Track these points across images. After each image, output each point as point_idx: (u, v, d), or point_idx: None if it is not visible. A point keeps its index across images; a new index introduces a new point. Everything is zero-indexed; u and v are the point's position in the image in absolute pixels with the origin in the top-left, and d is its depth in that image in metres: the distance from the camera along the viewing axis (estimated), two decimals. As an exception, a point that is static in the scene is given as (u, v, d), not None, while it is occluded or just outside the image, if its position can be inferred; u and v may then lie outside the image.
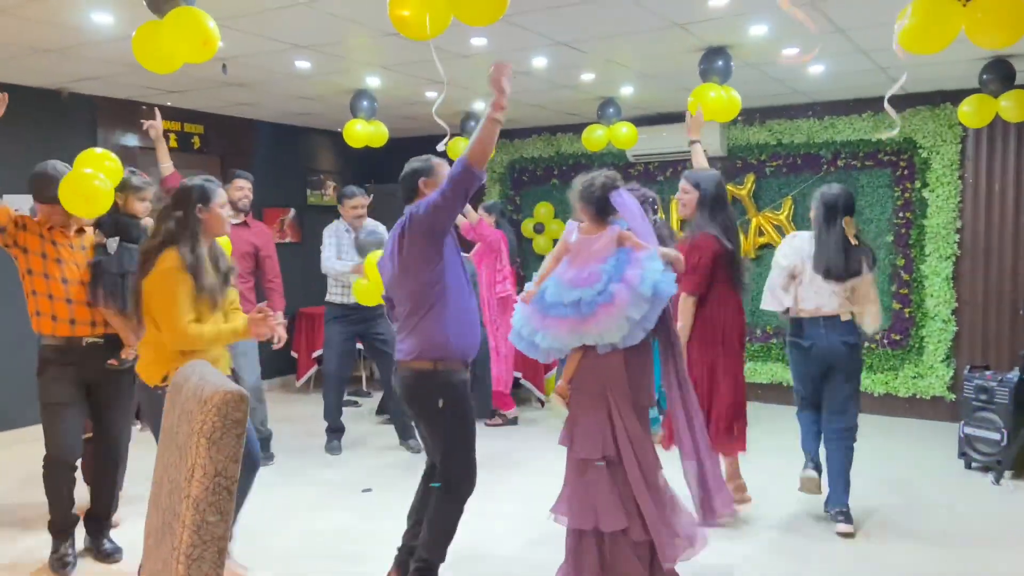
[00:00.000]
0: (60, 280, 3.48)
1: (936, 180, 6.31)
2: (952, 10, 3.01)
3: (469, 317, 3.09)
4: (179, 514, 1.70)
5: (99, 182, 3.40)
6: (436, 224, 2.92)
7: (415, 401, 3.06)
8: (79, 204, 3.38)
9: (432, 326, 2.96)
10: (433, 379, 2.98)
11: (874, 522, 4.16)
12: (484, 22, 2.72)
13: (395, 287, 3.08)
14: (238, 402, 1.71)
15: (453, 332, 2.98)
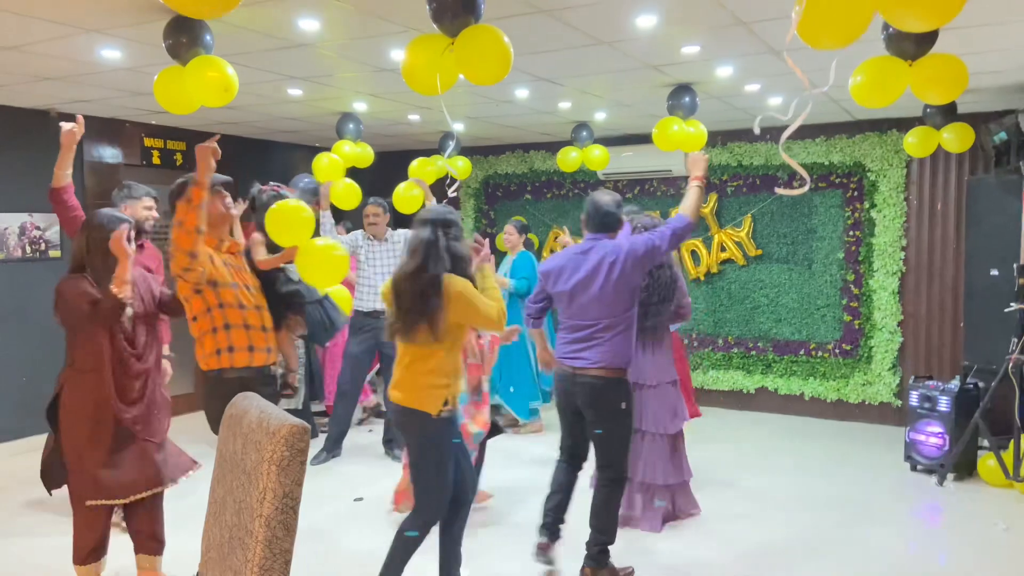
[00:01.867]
0: (254, 308, 3.31)
1: (883, 201, 6.79)
2: (899, 69, 3.41)
3: None
4: (252, 531, 1.98)
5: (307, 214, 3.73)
6: (650, 262, 3.53)
7: (601, 403, 3.53)
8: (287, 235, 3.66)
9: (624, 342, 3.51)
10: (620, 386, 3.53)
11: (825, 522, 4.57)
12: (488, 83, 3.02)
13: (588, 304, 3.51)
14: (302, 434, 2.00)
15: (633, 348, 3.60)
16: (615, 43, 4.10)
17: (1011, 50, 4.30)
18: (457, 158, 7.29)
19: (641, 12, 3.59)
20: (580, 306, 3.53)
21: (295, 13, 3.59)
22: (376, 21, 3.69)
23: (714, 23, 3.75)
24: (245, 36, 3.91)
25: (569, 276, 3.55)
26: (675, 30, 3.87)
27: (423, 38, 3.13)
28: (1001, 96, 5.57)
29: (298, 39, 4.01)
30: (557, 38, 3.97)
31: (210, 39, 3.56)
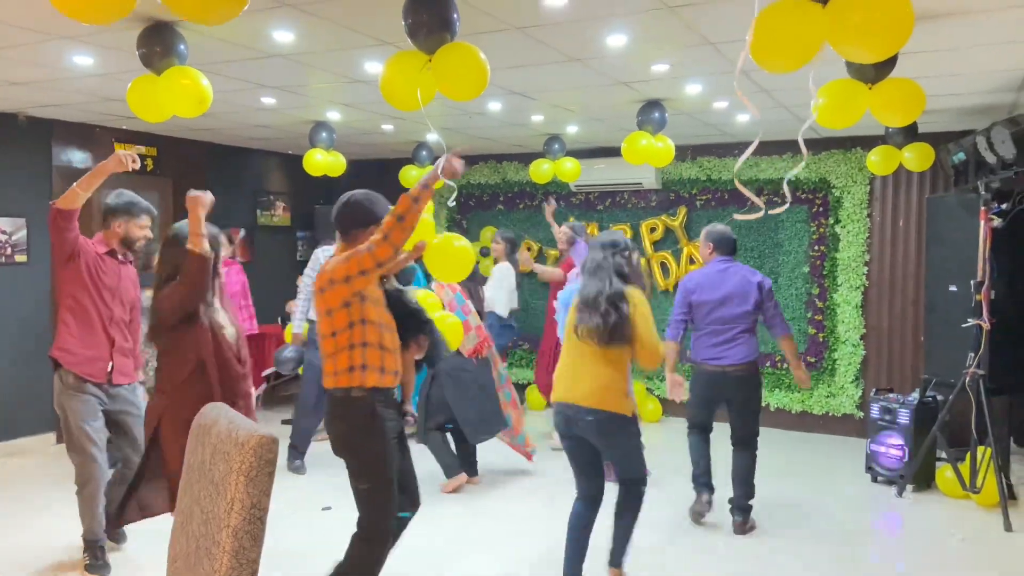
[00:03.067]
0: (388, 327, 3.09)
1: (847, 217, 6.95)
2: (860, 92, 3.52)
3: None
4: (219, 542, 2.00)
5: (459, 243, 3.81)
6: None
7: (752, 389, 4.59)
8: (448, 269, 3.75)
9: (756, 340, 4.61)
10: (759, 375, 4.63)
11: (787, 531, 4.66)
12: (465, 99, 3.07)
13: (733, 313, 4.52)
14: (271, 444, 2.02)
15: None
16: (587, 60, 4.17)
17: (967, 75, 4.44)
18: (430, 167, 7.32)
19: (612, 31, 3.67)
20: (728, 314, 4.49)
21: (270, 24, 3.61)
22: (350, 34, 3.73)
23: (682, 43, 3.84)
24: (220, 46, 3.92)
25: (715, 289, 4.54)
26: (645, 49, 3.95)
27: (401, 55, 3.18)
28: (960, 117, 5.74)
29: (272, 50, 4.03)
30: (530, 54, 4.04)
31: (184, 49, 3.57)
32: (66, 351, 3.71)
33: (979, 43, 3.82)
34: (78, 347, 3.72)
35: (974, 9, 3.33)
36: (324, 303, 2.98)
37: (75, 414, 3.70)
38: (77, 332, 3.72)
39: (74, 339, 3.72)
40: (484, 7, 3.30)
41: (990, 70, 4.33)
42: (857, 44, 2.28)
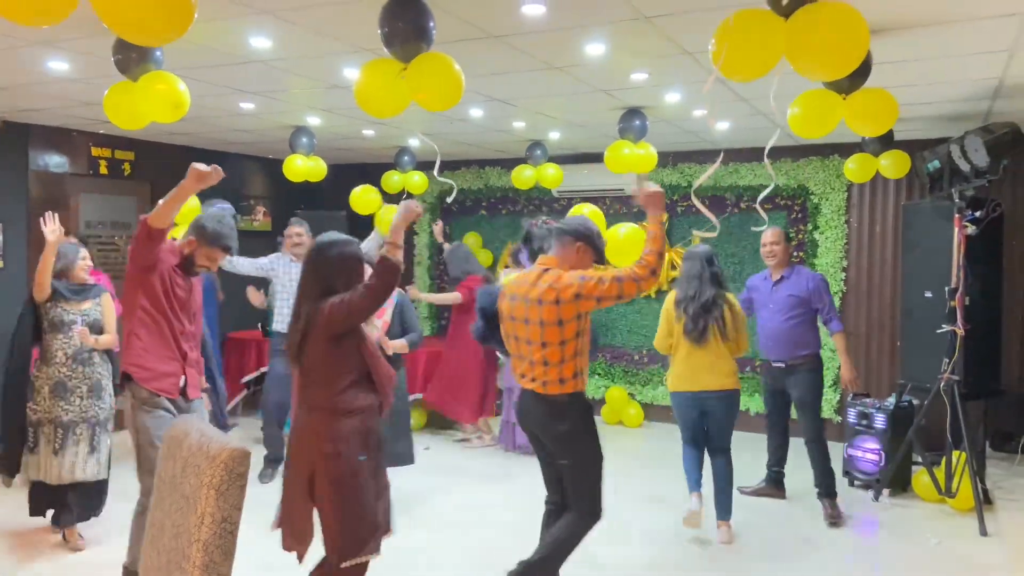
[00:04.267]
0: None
1: (825, 224, 7.01)
2: (834, 102, 3.55)
3: None
4: (189, 556, 1.99)
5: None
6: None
7: (818, 382, 5.16)
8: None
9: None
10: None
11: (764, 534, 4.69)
12: (440, 109, 3.07)
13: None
14: (242, 458, 2.02)
15: None
16: (566, 68, 4.19)
17: (941, 83, 4.50)
18: (413, 172, 7.33)
19: (590, 40, 3.68)
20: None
21: (247, 30, 3.60)
22: (327, 40, 3.72)
23: (660, 53, 3.86)
24: (196, 52, 3.90)
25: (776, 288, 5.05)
26: (623, 58, 3.97)
27: (376, 62, 3.17)
28: (935, 125, 5.81)
29: (250, 55, 4.01)
30: (509, 62, 4.05)
31: (160, 55, 3.55)
32: (140, 366, 3.47)
33: (952, 53, 3.87)
34: (152, 362, 3.50)
35: (946, 19, 3.37)
36: (556, 314, 3.17)
37: (148, 432, 3.46)
38: (150, 346, 3.49)
39: (148, 354, 3.49)
40: (463, 15, 3.31)
41: (964, 79, 4.39)
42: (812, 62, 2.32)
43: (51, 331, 4.13)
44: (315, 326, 2.87)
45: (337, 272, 2.93)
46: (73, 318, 4.13)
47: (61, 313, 4.12)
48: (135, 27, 2.04)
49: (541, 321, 3.19)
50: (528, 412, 3.37)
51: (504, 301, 3.41)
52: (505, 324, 3.42)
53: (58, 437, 4.11)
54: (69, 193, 6.75)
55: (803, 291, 4.98)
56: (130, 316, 3.52)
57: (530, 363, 3.26)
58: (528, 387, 3.32)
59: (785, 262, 5.08)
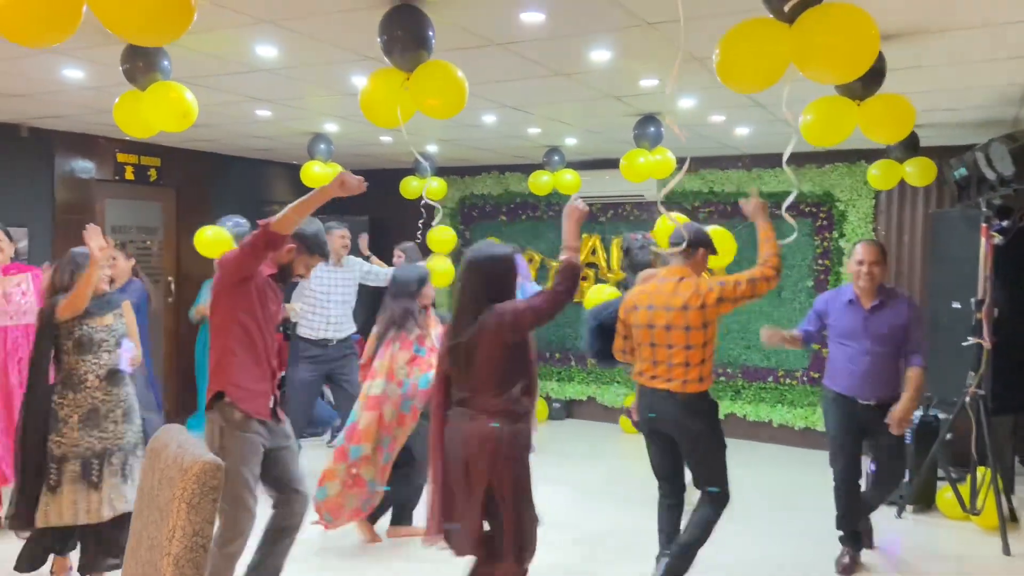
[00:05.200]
0: None
1: (852, 232, 6.84)
2: (848, 109, 3.45)
3: None
4: (160, 569, 1.98)
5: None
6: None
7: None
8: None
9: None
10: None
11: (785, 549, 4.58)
12: (444, 117, 3.05)
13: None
14: (215, 471, 2.00)
15: None
16: (573, 75, 4.14)
17: (963, 89, 4.37)
18: (431, 178, 7.32)
19: (595, 47, 3.63)
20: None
21: (252, 39, 3.61)
22: (332, 49, 3.72)
23: (668, 58, 3.79)
24: (204, 61, 3.93)
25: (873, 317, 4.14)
26: (630, 64, 3.91)
27: (380, 72, 3.17)
28: (962, 131, 5.64)
29: (258, 64, 4.03)
30: (514, 69, 4.01)
31: (168, 64, 3.57)
32: (238, 386, 3.25)
33: (969, 59, 3.75)
34: (249, 381, 3.28)
35: (962, 25, 3.26)
36: (701, 318, 3.54)
37: (238, 457, 3.23)
38: (246, 363, 3.28)
39: (245, 373, 3.27)
40: (463, 24, 3.28)
41: (986, 84, 4.25)
42: (821, 66, 2.23)
43: (77, 352, 3.56)
44: (489, 332, 2.87)
45: (501, 278, 2.99)
46: (103, 336, 3.62)
47: (89, 332, 3.58)
48: (133, 27, 2.04)
49: (687, 326, 3.56)
50: (659, 411, 3.66)
51: (638, 312, 3.69)
52: (639, 332, 3.69)
53: (94, 469, 3.57)
54: (95, 198, 6.86)
55: (903, 319, 4.11)
56: (225, 332, 3.27)
57: (668, 366, 3.60)
58: (661, 387, 3.62)
59: (879, 285, 4.17)
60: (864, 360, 4.12)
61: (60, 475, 3.53)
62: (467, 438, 2.91)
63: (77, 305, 3.48)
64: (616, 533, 4.80)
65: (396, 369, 4.22)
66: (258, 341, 3.31)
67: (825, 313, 4.34)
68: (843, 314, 4.22)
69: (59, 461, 3.53)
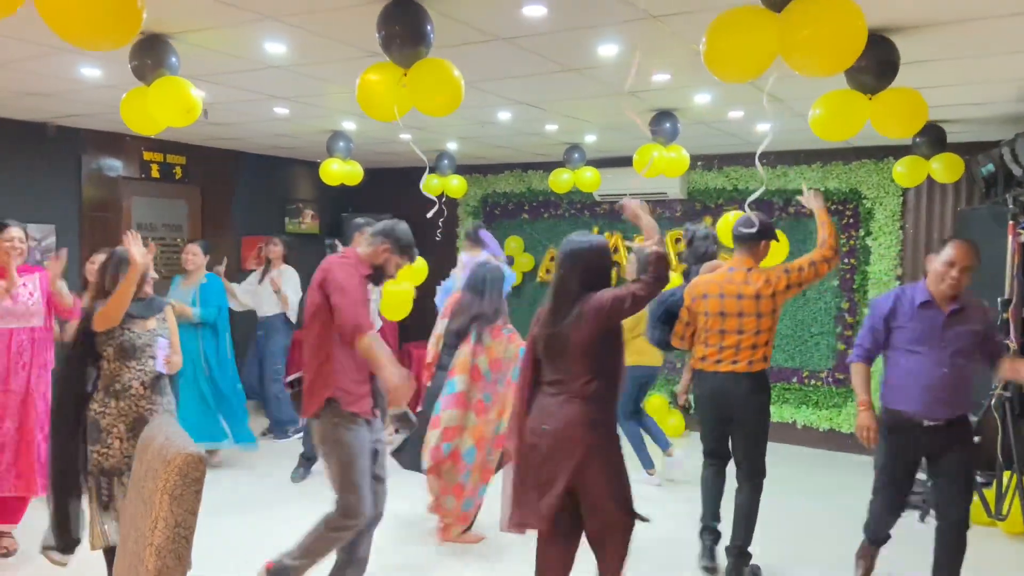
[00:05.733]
0: None
1: (879, 229, 6.69)
2: (859, 103, 3.36)
3: None
4: (143, 560, 1.99)
5: None
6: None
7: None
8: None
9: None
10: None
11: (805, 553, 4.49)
12: (439, 115, 3.04)
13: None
14: (197, 463, 2.01)
15: None
16: (583, 70, 4.10)
17: (985, 82, 4.24)
18: (452, 176, 7.33)
19: (601, 41, 3.59)
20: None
21: (258, 36, 3.64)
22: (338, 45, 3.73)
23: (676, 53, 3.74)
24: (214, 58, 3.96)
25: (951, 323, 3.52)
26: (640, 59, 3.86)
27: (377, 67, 3.16)
28: (990, 127, 5.48)
29: (268, 61, 4.06)
30: (521, 65, 3.98)
31: (175, 61, 3.61)
32: (345, 391, 3.31)
33: (988, 51, 3.63)
34: (353, 385, 3.34)
35: (978, 15, 3.15)
36: (772, 304, 3.90)
37: (351, 449, 3.32)
38: (348, 368, 3.33)
39: (348, 377, 3.33)
40: (463, 18, 3.26)
41: (1009, 78, 4.11)
42: (807, 57, 2.17)
43: (119, 359, 3.36)
44: (588, 319, 2.96)
45: (599, 267, 3.07)
46: (146, 340, 3.43)
47: (132, 337, 3.38)
48: (78, 31, 2.06)
49: (759, 313, 3.88)
50: (726, 391, 3.94)
51: (708, 300, 3.95)
52: (709, 320, 3.96)
53: None
54: (122, 196, 6.99)
55: (982, 325, 3.60)
56: (326, 341, 3.30)
57: (736, 350, 3.91)
58: (727, 370, 3.92)
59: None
60: (939, 373, 3.50)
61: (111, 490, 3.29)
62: (563, 422, 2.98)
63: (111, 317, 3.29)
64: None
65: (482, 364, 4.30)
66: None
67: (891, 316, 3.64)
68: (914, 318, 3.56)
69: (108, 475, 3.30)
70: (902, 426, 3.57)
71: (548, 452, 2.98)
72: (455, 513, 4.34)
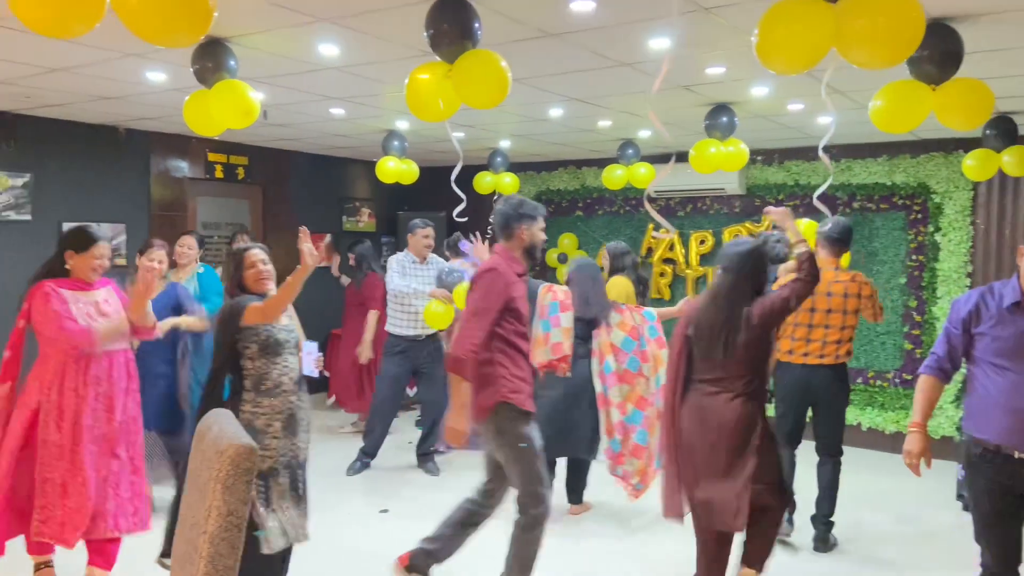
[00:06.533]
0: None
1: (948, 225, 6.45)
2: (922, 94, 3.25)
3: None
4: (198, 547, 2.05)
5: None
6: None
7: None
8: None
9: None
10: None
11: (869, 558, 4.36)
12: (486, 107, 3.04)
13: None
14: (248, 454, 2.06)
15: None
16: (634, 64, 4.06)
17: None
18: (504, 174, 7.35)
19: (652, 35, 3.54)
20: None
21: (313, 38, 3.70)
22: (390, 45, 3.77)
23: (730, 44, 3.67)
24: (270, 61, 4.05)
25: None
26: (691, 51, 3.80)
27: (425, 66, 3.19)
28: (1068, 117, 5.23)
29: (323, 62, 4.13)
30: (571, 60, 3.96)
31: (234, 64, 3.71)
32: (517, 391, 3.38)
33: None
34: (522, 384, 3.41)
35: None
36: (856, 303, 4.30)
37: (532, 443, 3.39)
38: (516, 369, 3.40)
39: (518, 378, 3.39)
40: (512, 14, 3.26)
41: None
42: (862, 49, 2.10)
43: (264, 356, 3.16)
44: (754, 321, 3.17)
45: (763, 269, 3.31)
46: (285, 335, 3.24)
47: (274, 332, 3.20)
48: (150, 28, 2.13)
49: (845, 310, 4.29)
50: (812, 382, 4.32)
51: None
52: (799, 315, 4.25)
53: (300, 481, 3.25)
54: (188, 196, 7.21)
55: None
56: (489, 347, 3.34)
57: (822, 343, 4.30)
58: (814, 363, 4.32)
59: None
60: None
61: (268, 491, 3.10)
62: (731, 420, 3.15)
63: (271, 315, 3.15)
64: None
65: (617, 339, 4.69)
66: (522, 344, 3.44)
67: (972, 319, 2.95)
68: (1001, 323, 2.86)
69: (265, 477, 3.10)
70: (987, 459, 2.87)
71: (714, 450, 3.15)
72: (641, 470, 4.61)
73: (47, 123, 6.07)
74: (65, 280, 3.52)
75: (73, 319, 3.42)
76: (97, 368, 3.52)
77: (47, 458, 3.42)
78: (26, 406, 3.45)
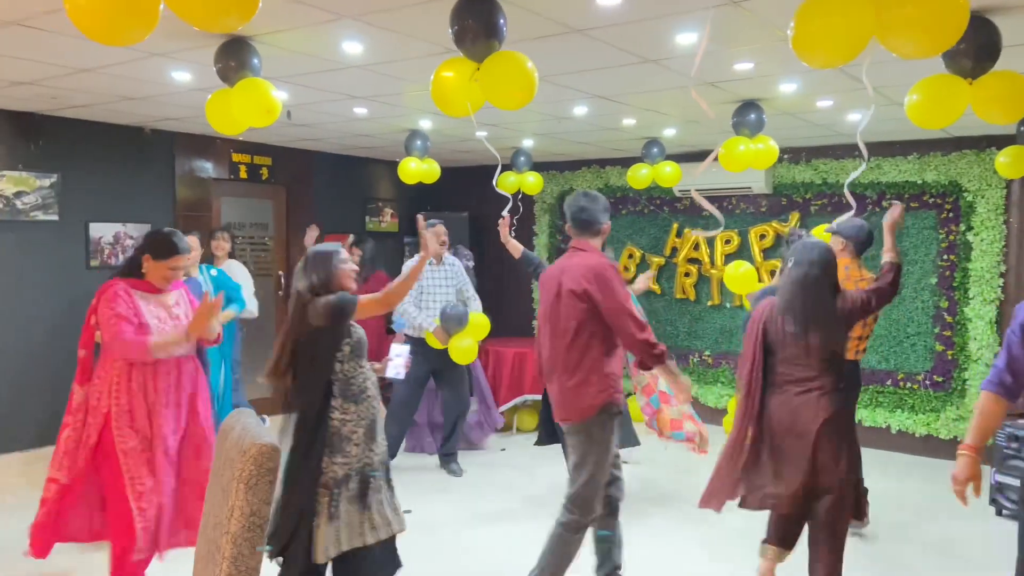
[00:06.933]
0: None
1: (981, 224, 6.31)
2: (958, 88, 3.16)
3: None
4: (220, 547, 2.03)
5: None
6: None
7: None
8: None
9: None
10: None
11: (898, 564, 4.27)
12: (513, 108, 3.00)
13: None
14: (271, 454, 2.04)
15: None
16: (660, 61, 4.00)
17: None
18: (528, 173, 7.31)
19: (680, 30, 3.48)
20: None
21: (336, 36, 3.68)
22: (414, 42, 3.74)
23: (759, 39, 3.60)
24: (293, 59, 4.04)
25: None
26: (721, 48, 3.73)
27: (450, 62, 3.15)
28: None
29: (346, 61, 4.11)
30: (596, 57, 3.91)
31: (257, 62, 3.70)
32: (616, 389, 3.42)
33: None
34: (619, 381, 3.47)
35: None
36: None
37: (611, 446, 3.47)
38: (614, 367, 3.45)
39: (615, 373, 3.45)
40: (536, 10, 3.22)
41: None
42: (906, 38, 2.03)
43: (354, 358, 3.00)
44: (836, 320, 3.29)
45: (833, 270, 3.34)
46: (365, 337, 3.11)
47: (360, 333, 3.07)
48: (200, 12, 2.12)
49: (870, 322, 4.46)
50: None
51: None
52: None
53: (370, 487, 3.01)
54: (212, 196, 7.25)
55: None
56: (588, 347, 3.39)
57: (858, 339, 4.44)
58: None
59: None
60: None
61: (338, 500, 2.93)
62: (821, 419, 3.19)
63: (393, 301, 3.10)
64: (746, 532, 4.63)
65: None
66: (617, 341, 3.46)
67: None
68: None
69: (339, 484, 2.94)
70: None
71: (802, 449, 3.19)
72: (697, 430, 4.73)
73: (73, 124, 6.13)
74: (139, 281, 3.46)
75: (131, 324, 3.31)
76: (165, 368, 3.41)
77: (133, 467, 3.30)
78: (97, 411, 3.34)
